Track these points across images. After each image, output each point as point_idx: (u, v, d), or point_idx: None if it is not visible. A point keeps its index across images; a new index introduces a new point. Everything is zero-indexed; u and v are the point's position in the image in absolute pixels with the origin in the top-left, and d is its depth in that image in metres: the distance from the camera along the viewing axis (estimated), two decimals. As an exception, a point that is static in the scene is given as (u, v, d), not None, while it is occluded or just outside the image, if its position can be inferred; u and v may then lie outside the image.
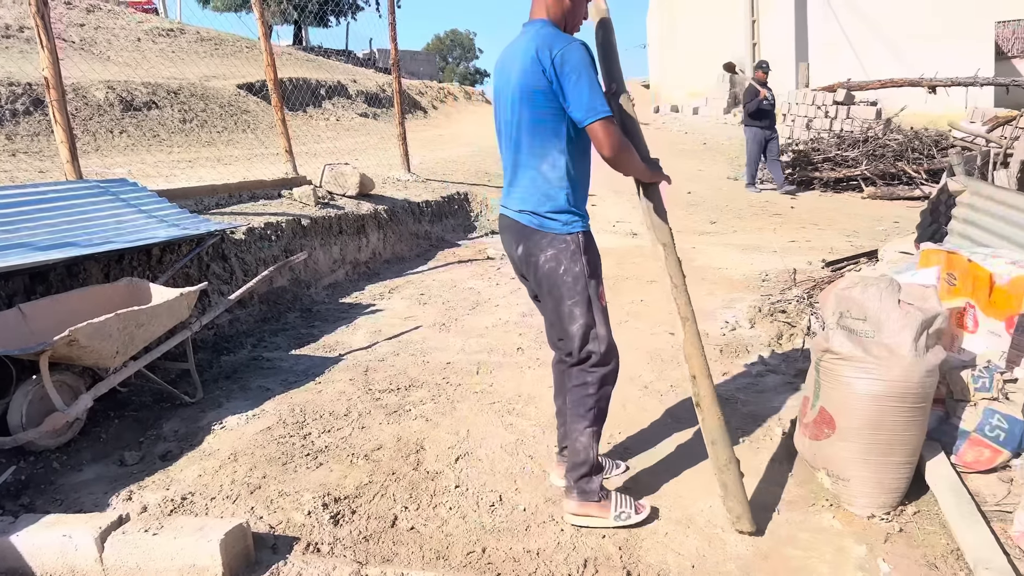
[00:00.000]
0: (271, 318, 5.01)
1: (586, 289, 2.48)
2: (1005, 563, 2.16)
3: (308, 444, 3.21)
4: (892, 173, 11.32)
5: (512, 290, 5.72)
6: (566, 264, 2.46)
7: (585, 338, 2.50)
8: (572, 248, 2.46)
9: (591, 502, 2.57)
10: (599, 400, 2.56)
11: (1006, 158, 6.77)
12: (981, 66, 16.27)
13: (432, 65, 40.91)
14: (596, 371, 2.53)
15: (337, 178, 6.69)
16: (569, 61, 2.27)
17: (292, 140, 6.87)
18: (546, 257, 2.48)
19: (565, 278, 2.47)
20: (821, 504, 2.69)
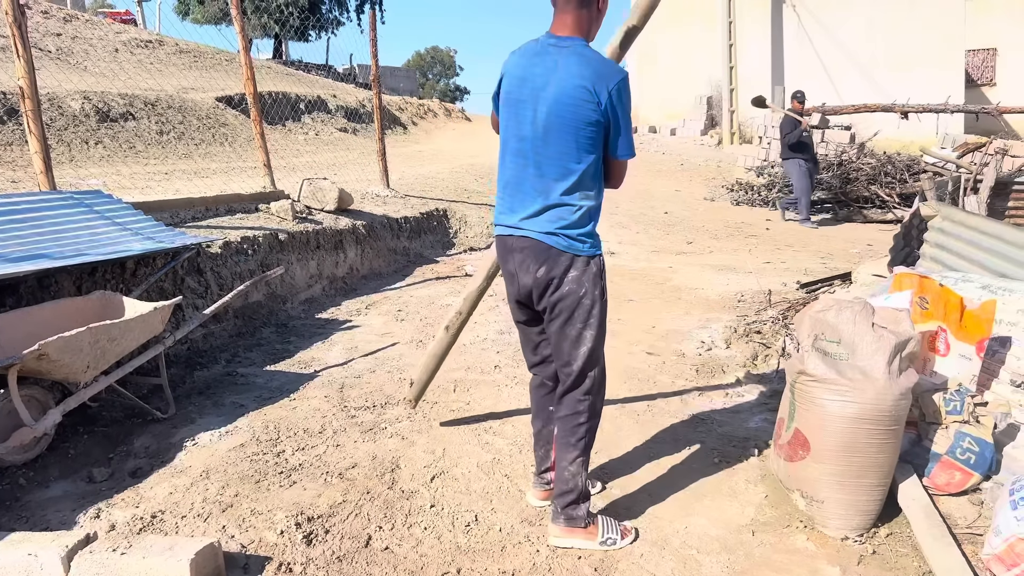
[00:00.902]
0: (246, 333, 4.97)
1: (601, 314, 2.49)
2: (976, 586, 2.18)
3: (282, 462, 3.17)
4: (866, 196, 11.49)
5: (490, 307, 5.72)
6: (588, 287, 2.44)
7: (589, 363, 2.50)
8: (595, 271, 2.46)
9: (577, 528, 2.56)
10: (590, 430, 2.56)
11: (976, 184, 6.90)
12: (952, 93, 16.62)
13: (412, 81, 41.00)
14: (588, 399, 2.53)
15: (315, 193, 6.66)
16: (625, 100, 2.31)
17: (271, 154, 6.84)
18: (569, 279, 2.44)
19: (584, 301, 2.45)
20: (795, 526, 2.70)
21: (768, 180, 12.94)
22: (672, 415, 3.73)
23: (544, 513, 2.81)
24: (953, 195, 6.70)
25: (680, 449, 3.35)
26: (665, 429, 3.58)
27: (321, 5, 28.76)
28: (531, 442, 3.37)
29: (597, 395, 2.55)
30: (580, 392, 2.53)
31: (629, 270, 7.25)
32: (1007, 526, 2.29)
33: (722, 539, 2.61)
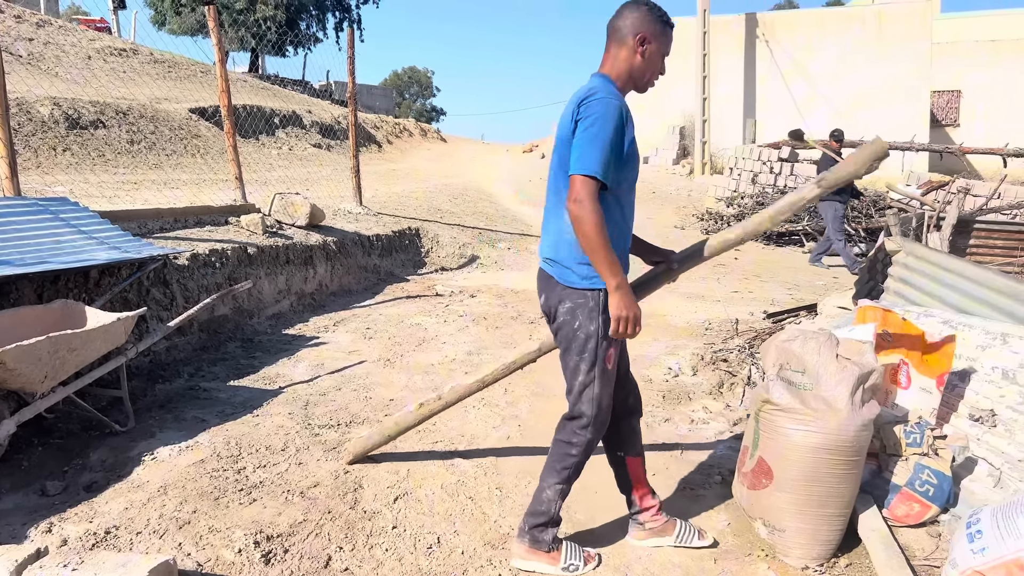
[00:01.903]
0: (211, 347, 4.90)
1: (596, 350, 2.40)
2: (932, 617, 2.20)
3: (242, 479, 3.12)
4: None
5: (460, 328, 5.71)
6: (581, 320, 2.39)
7: (584, 398, 2.46)
8: (590, 305, 2.38)
9: (541, 551, 2.55)
10: (578, 465, 2.52)
11: (939, 221, 7.06)
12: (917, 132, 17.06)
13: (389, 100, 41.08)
14: (583, 434, 2.48)
15: (287, 207, 6.62)
16: (591, 114, 2.24)
17: (243, 167, 6.80)
18: (564, 310, 2.42)
19: (578, 334, 2.40)
20: (757, 554, 2.71)
21: (738, 211, 13.12)
22: (638, 441, 3.73)
23: (510, 536, 2.79)
24: (917, 231, 6.85)
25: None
26: (630, 455, 3.57)
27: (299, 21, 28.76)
28: (496, 465, 3.38)
29: (596, 434, 2.49)
30: (578, 425, 2.48)
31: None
32: (963, 559, 2.32)
33: (684, 566, 2.61)
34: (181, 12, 27.51)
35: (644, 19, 2.37)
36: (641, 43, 2.36)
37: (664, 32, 2.39)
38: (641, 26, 2.36)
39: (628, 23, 2.38)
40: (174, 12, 27.78)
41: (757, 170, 14.42)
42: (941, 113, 23.03)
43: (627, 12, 2.39)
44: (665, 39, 2.41)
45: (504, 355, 5.00)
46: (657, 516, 2.72)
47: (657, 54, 2.40)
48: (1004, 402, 3.08)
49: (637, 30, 2.36)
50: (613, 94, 2.30)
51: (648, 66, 2.41)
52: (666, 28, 2.40)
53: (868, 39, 19.77)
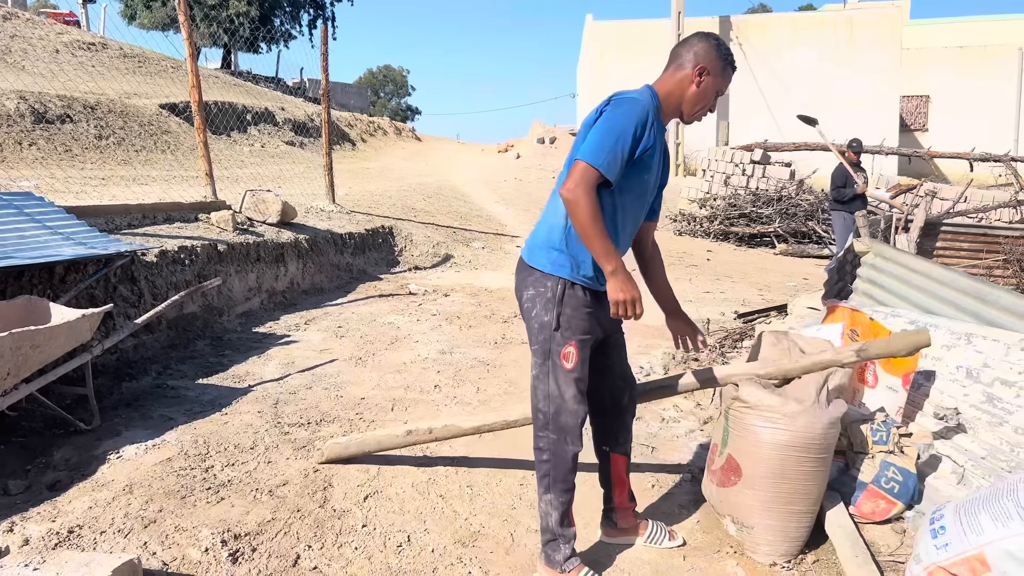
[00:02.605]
0: (179, 345, 4.83)
1: (548, 342, 2.34)
2: (897, 612, 2.23)
3: (210, 477, 3.08)
4: (803, 232, 11.82)
5: (433, 327, 5.69)
6: (538, 309, 2.35)
7: (535, 391, 2.41)
8: (548, 295, 2.33)
9: (553, 570, 2.45)
10: (555, 467, 2.40)
11: (907, 223, 7.17)
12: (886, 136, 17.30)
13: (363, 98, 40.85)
14: (545, 435, 2.40)
15: (258, 204, 6.56)
16: (615, 109, 2.23)
17: (214, 164, 6.72)
18: (526, 296, 2.39)
19: (533, 324, 2.37)
20: (725, 551, 2.72)
21: (710, 212, 13.23)
22: (609, 439, 3.75)
23: (480, 534, 2.79)
24: (885, 233, 6.95)
25: (616, 473, 3.36)
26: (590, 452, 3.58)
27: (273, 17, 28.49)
28: (467, 463, 3.37)
29: (561, 435, 2.38)
30: (538, 425, 2.43)
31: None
32: (927, 554, 2.35)
33: (653, 563, 2.62)
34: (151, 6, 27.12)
35: (710, 53, 2.34)
36: (700, 74, 2.34)
37: (725, 72, 2.37)
38: (706, 58, 2.34)
39: (694, 52, 2.35)
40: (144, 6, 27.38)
41: (729, 172, 14.55)
42: (910, 117, 23.41)
43: (696, 41, 2.37)
44: (724, 79, 2.39)
45: (477, 352, 5.01)
46: (630, 518, 2.71)
47: (712, 90, 2.38)
48: (968, 401, 3.13)
49: (700, 60, 2.34)
50: (647, 100, 2.29)
51: (700, 98, 2.38)
52: (727, 68, 2.38)
53: (840, 44, 20.05)
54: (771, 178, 14.06)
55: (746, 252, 11.61)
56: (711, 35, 2.39)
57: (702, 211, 13.55)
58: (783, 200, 12.73)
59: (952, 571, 2.26)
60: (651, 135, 2.27)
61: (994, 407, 3.00)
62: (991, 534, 2.18)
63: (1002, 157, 14.60)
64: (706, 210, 13.49)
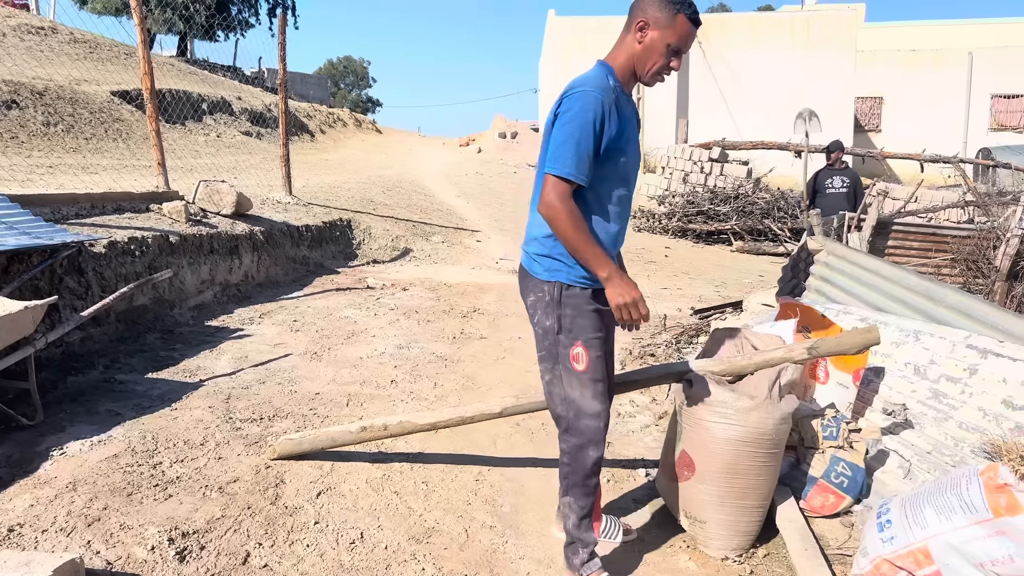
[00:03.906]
0: (128, 338, 4.71)
1: (554, 346, 2.28)
2: (844, 605, 2.27)
3: (158, 474, 3.01)
4: (759, 229, 11.99)
5: (391, 321, 5.64)
6: (539, 315, 2.30)
7: (551, 396, 2.34)
8: (547, 299, 2.27)
9: (572, 572, 2.42)
10: (573, 471, 2.34)
11: (859, 222, 7.30)
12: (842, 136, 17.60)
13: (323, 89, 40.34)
14: (566, 439, 2.33)
15: (212, 195, 6.43)
16: (568, 109, 2.12)
17: (168, 154, 6.57)
18: (529, 303, 2.34)
19: (537, 329, 2.32)
20: (679, 546, 2.75)
21: (669, 209, 13.34)
22: (565, 434, 3.75)
23: (434, 530, 2.77)
24: (838, 231, 7.07)
25: (571, 468, 3.36)
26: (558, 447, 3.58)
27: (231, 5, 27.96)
28: (423, 458, 3.34)
29: (581, 439, 2.29)
30: (560, 429, 2.36)
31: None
32: (873, 547, 2.40)
33: (608, 559, 2.63)
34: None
35: (654, 3, 2.15)
36: (640, 29, 2.17)
37: (672, 21, 2.14)
38: (647, 10, 2.16)
39: (638, 6, 2.19)
40: (97, -10, 26.69)
41: (688, 170, 14.69)
42: (864, 118, 23.88)
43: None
44: (672, 29, 2.15)
45: (435, 346, 4.98)
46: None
47: (659, 43, 2.16)
48: (915, 396, 3.20)
49: (639, 15, 2.17)
50: (598, 87, 2.15)
51: (646, 56, 2.19)
52: (677, 16, 2.14)
53: (797, 45, 20.36)
54: (729, 176, 14.24)
55: (703, 249, 11.73)
56: None
57: (661, 208, 13.66)
58: (740, 198, 12.90)
59: (897, 564, 2.30)
60: (613, 121, 2.15)
61: (940, 403, 3.07)
62: (935, 527, 2.23)
63: (951, 159, 14.97)
64: (665, 207, 13.61)
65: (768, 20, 22.14)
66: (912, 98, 23.13)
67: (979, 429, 2.86)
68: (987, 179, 15.19)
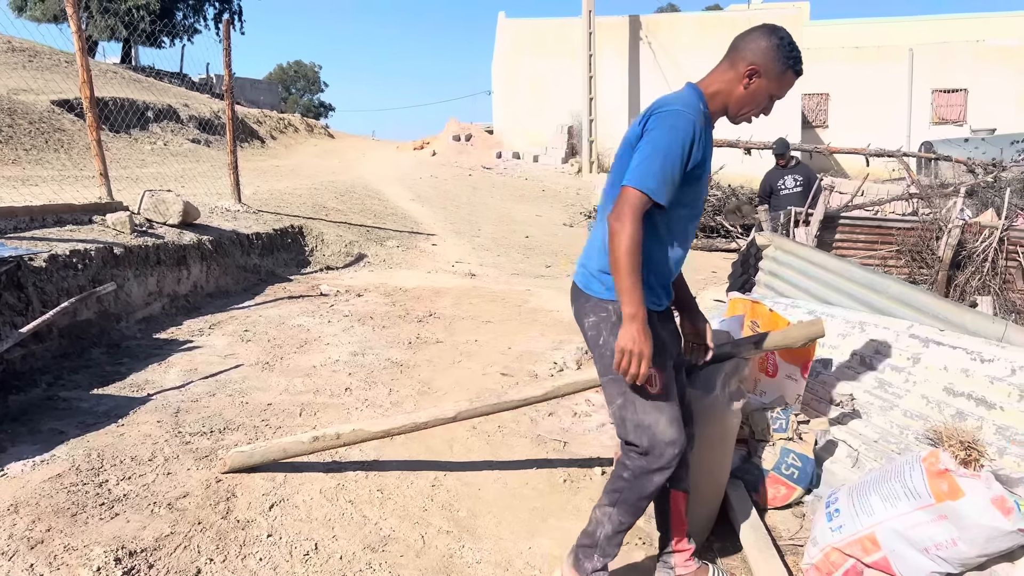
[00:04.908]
0: (72, 354, 4.59)
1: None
2: (795, 594, 2.30)
3: (104, 493, 2.93)
4: (711, 226, 12.14)
5: (345, 328, 5.58)
6: (605, 335, 2.17)
7: (623, 423, 2.18)
8: (614, 319, 2.15)
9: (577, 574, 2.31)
10: (630, 490, 2.19)
11: (807, 217, 7.44)
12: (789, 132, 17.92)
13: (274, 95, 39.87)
14: (637, 461, 2.16)
15: (158, 205, 6.30)
16: (661, 125, 2.05)
17: (112, 163, 6.43)
18: (589, 324, 2.23)
19: (603, 351, 2.18)
20: (635, 543, 2.76)
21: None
22: (522, 435, 3.76)
23: (390, 538, 2.74)
24: (786, 227, 7.20)
25: (528, 469, 3.37)
26: (514, 449, 3.59)
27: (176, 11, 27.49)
28: (378, 466, 3.31)
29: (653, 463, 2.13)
30: (633, 450, 2.19)
31: (489, 292, 7.30)
32: (823, 536, 2.44)
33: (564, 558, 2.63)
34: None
35: (768, 53, 2.11)
36: (750, 76, 2.13)
37: (783, 76, 2.14)
38: (760, 58, 2.12)
39: (749, 49, 2.13)
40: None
41: (641, 168, 14.79)
42: (811, 114, 24.33)
43: (756, 36, 2.15)
44: (781, 83, 2.15)
45: (390, 352, 4.94)
46: (689, 562, 2.44)
47: (764, 92, 2.16)
48: (861, 387, 3.26)
49: (752, 60, 2.12)
50: (692, 108, 2.10)
51: (749, 101, 2.17)
52: (787, 72, 2.14)
53: (744, 43, 20.63)
54: (681, 174, 14.38)
55: (658, 247, 11.83)
56: (776, 31, 2.14)
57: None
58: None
59: (846, 551, 2.35)
60: (700, 146, 2.11)
61: (885, 392, 3.14)
62: (880, 514, 2.27)
63: (895, 152, 15.32)
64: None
65: (716, 20, 22.48)
66: (857, 94, 23.63)
67: (922, 416, 2.93)
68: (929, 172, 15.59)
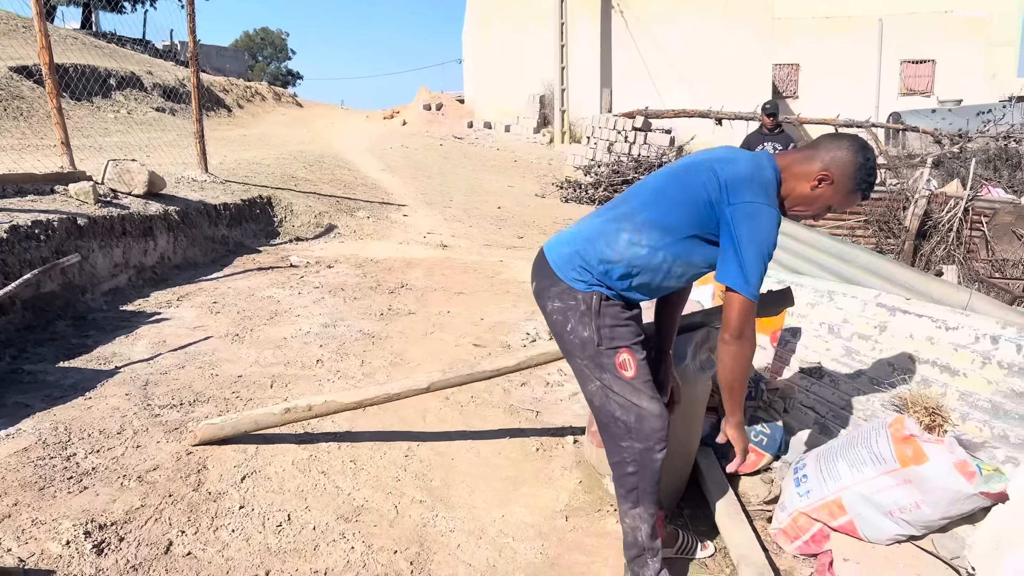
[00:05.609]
0: (37, 327, 4.50)
1: (598, 357, 2.15)
2: (763, 559, 2.35)
3: (72, 466, 2.90)
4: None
5: (315, 299, 5.54)
6: (573, 324, 2.16)
7: (603, 409, 2.18)
8: (582, 308, 2.14)
9: None
10: (642, 478, 2.18)
11: (777, 187, 7.46)
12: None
13: (240, 62, 39.10)
14: (627, 446, 2.17)
15: (122, 175, 6.16)
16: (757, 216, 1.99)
17: (76, 133, 6.27)
18: (553, 308, 2.20)
19: (572, 339, 2.18)
20: (606, 510, 2.79)
21: (595, 179, 13.43)
22: (495, 405, 3.77)
23: (363, 508, 2.75)
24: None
25: (501, 438, 3.39)
26: (487, 419, 3.61)
27: (137, -26, 26.75)
28: (351, 437, 3.30)
29: (643, 443, 2.15)
30: (618, 440, 2.19)
31: (461, 263, 7.27)
32: (791, 502, 2.48)
33: (537, 526, 2.66)
34: (-1, -40, 24.87)
35: (846, 169, 2.07)
36: (820, 180, 2.09)
37: (850, 194, 2.10)
38: (836, 169, 2.07)
39: (832, 155, 2.08)
40: (-10, -40, 25.09)
41: (613, 139, 14.79)
42: (782, 85, 24.42)
43: (844, 146, 2.09)
44: (844, 198, 2.11)
45: (362, 324, 4.91)
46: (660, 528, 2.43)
47: (826, 201, 2.12)
48: (830, 355, 3.31)
49: (828, 167, 2.08)
50: (774, 192, 2.08)
51: (809, 202, 2.13)
52: (855, 192, 2.10)
53: (716, 13, 20.60)
54: (652, 145, 14.40)
55: (630, 217, 11.85)
56: (864, 150, 2.09)
57: (587, 178, 13.73)
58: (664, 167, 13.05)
59: (813, 516, 2.39)
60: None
61: (853, 360, 3.19)
62: (847, 479, 2.32)
63: (863, 123, 15.48)
64: (591, 177, 13.68)
65: (687, -11, 22.34)
66: (827, 65, 23.75)
67: (889, 383, 2.98)
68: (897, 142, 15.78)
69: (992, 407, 2.64)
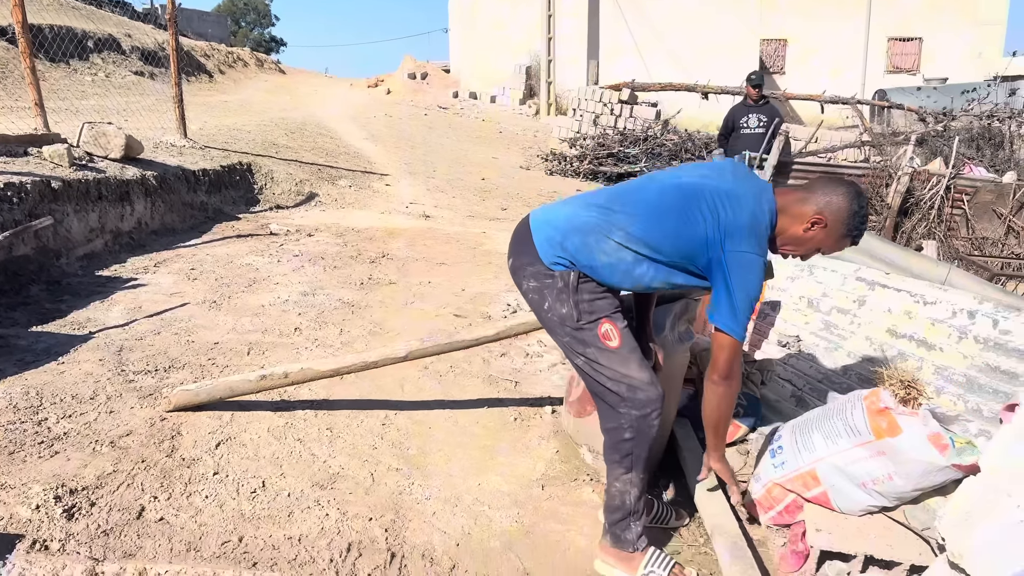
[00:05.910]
0: (9, 291, 4.42)
1: (579, 332, 2.18)
2: (737, 529, 2.36)
3: (43, 431, 2.86)
4: (668, 171, 12.16)
5: (295, 268, 5.48)
6: (550, 301, 2.19)
7: (595, 380, 2.21)
8: (559, 285, 2.17)
9: (621, 550, 2.28)
10: (638, 444, 2.19)
11: (761, 162, 7.48)
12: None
13: (223, 28, 38.41)
14: (625, 413, 2.18)
15: (98, 138, 6.05)
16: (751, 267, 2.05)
17: (51, 95, 6.14)
18: (530, 286, 2.23)
19: (551, 316, 2.21)
20: (582, 479, 2.80)
21: (580, 152, 13.36)
22: (474, 375, 3.76)
23: (339, 476, 2.74)
24: (741, 171, 7.22)
25: (479, 408, 3.38)
26: (466, 389, 3.60)
27: (116, -66, 26.06)
28: (328, 405, 3.28)
29: (643, 408, 2.17)
30: (614, 407, 2.21)
31: (443, 233, 7.22)
32: (766, 473, 2.49)
33: (513, 494, 2.66)
34: (-28, -84, 24.21)
35: (839, 215, 2.11)
36: (813, 223, 2.12)
37: (840, 240, 2.15)
38: (830, 214, 2.11)
39: (827, 199, 2.11)
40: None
41: (598, 112, 14.70)
42: (770, 60, 24.34)
43: (839, 192, 2.12)
44: (835, 243, 2.17)
45: (342, 293, 4.87)
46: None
47: (816, 244, 2.17)
48: (808, 328, 3.32)
49: (822, 211, 2.11)
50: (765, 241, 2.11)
51: (800, 244, 2.18)
52: (845, 238, 2.15)
53: (704, -14, 20.44)
54: (638, 118, 14.33)
55: (614, 191, 11.82)
56: (859, 198, 2.12)
57: (572, 151, 13.66)
58: (649, 140, 13.03)
59: (787, 487, 2.41)
60: None
61: (831, 333, 3.19)
62: (822, 451, 2.33)
63: (849, 100, 15.45)
64: (576, 149, 13.61)
65: (677, -39, 22.12)
66: (814, 41, 23.68)
67: (866, 357, 2.99)
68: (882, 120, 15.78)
69: (967, 381, 2.66)
